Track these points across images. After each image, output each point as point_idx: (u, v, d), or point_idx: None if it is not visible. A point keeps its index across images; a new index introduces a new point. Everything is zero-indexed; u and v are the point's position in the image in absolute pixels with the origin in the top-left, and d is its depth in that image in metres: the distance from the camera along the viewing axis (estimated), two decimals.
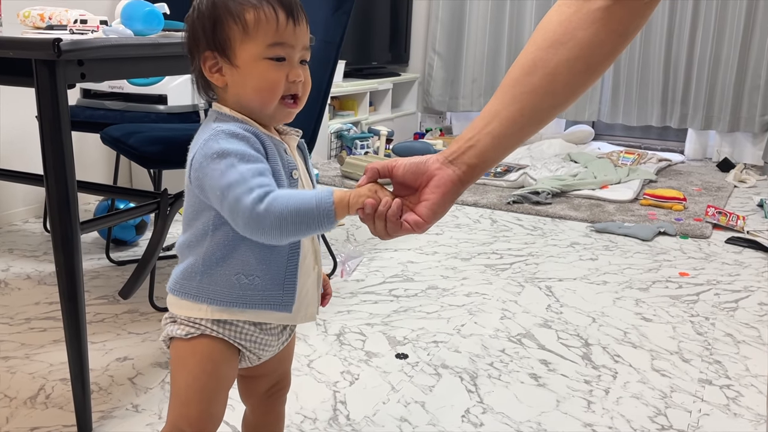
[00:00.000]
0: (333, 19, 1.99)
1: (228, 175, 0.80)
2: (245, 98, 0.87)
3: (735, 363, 1.69)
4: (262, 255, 0.88)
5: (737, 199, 3.34)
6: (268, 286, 0.89)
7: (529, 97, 0.78)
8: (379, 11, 4.54)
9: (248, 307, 0.89)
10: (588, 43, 0.75)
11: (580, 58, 0.76)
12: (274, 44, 0.85)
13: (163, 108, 2.34)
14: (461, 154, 0.80)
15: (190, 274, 0.89)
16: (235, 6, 0.85)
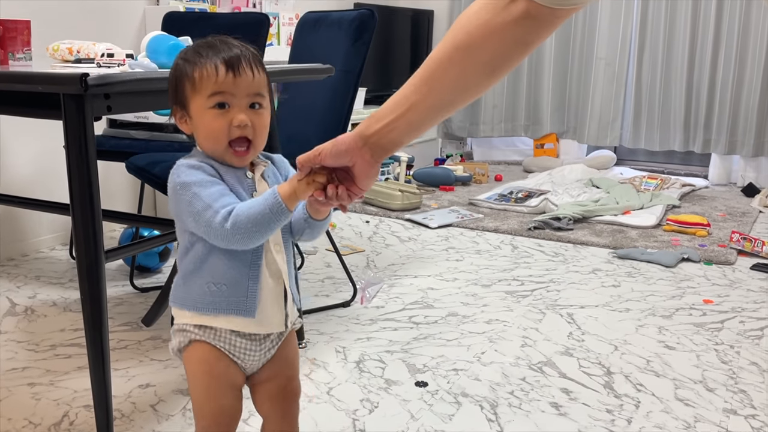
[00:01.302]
0: (353, 50, 2.03)
1: (194, 204, 0.94)
2: (201, 145, 1.01)
3: (760, 392, 1.66)
4: (228, 265, 0.99)
5: (762, 225, 3.29)
6: (233, 293, 1.00)
7: (443, 91, 0.87)
8: (399, 38, 4.59)
9: (218, 312, 1.00)
10: (498, 51, 0.84)
11: (488, 64, 0.85)
12: (213, 94, 0.96)
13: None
14: (379, 137, 0.90)
15: (177, 284, 1.03)
16: (188, 67, 0.99)
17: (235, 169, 0.99)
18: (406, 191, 3.42)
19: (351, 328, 2.02)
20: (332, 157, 0.92)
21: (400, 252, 2.78)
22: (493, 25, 0.83)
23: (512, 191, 3.67)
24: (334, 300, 2.22)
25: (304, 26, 2.32)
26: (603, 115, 4.48)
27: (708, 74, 4.16)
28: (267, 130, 1.01)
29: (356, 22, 2.04)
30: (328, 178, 0.93)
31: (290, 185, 0.93)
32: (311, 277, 2.45)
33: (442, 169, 4.07)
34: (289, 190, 0.93)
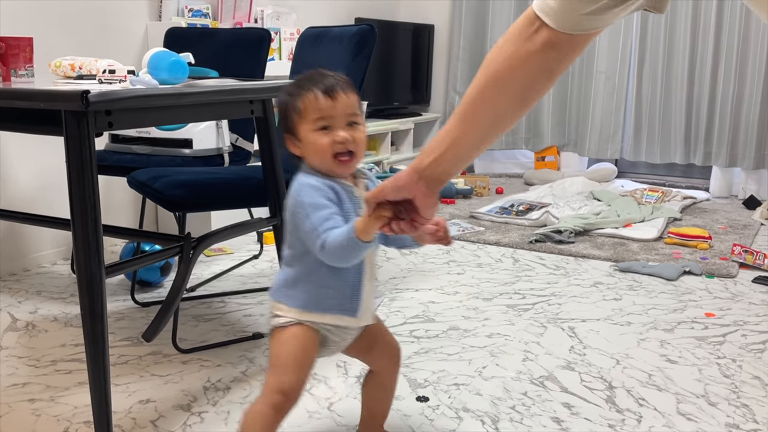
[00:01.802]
0: (353, 64, 2.04)
1: (306, 223, 1.14)
2: (311, 162, 1.19)
3: (763, 407, 1.65)
4: (337, 272, 1.20)
5: (764, 237, 3.29)
6: (340, 296, 1.22)
7: (480, 126, 0.96)
8: (400, 53, 4.62)
9: (326, 312, 1.21)
10: (526, 81, 0.91)
11: (518, 95, 0.93)
12: (317, 119, 1.16)
13: (189, 152, 2.40)
14: (431, 170, 1.00)
15: (286, 284, 1.23)
16: (292, 100, 1.19)
17: (344, 189, 1.18)
18: None
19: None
20: (393, 192, 1.03)
21: (401, 265, 2.78)
22: (519, 56, 0.89)
23: (513, 204, 3.68)
24: None
25: (305, 41, 2.33)
26: (604, 128, 4.49)
27: (708, 87, 4.17)
28: (365, 142, 1.21)
29: (357, 37, 2.05)
30: (394, 212, 1.05)
31: (362, 221, 1.08)
32: None
33: None
34: (361, 225, 1.08)
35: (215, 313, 2.23)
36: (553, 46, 0.88)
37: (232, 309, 2.27)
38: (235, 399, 1.67)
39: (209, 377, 1.78)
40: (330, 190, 1.16)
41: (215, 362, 1.86)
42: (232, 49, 2.61)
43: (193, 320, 2.17)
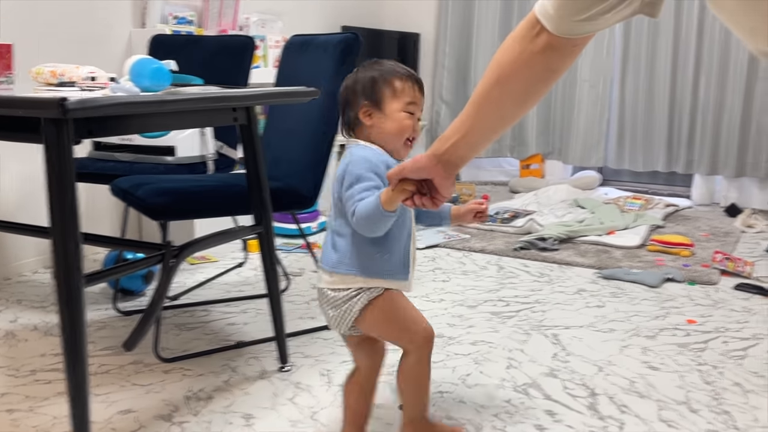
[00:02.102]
0: (338, 73, 2.04)
1: (346, 192, 1.29)
2: (383, 135, 1.34)
3: (743, 413, 1.67)
4: (394, 239, 1.33)
5: (745, 245, 3.32)
6: (396, 260, 1.34)
7: (488, 121, 1.04)
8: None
9: (386, 276, 1.33)
10: (529, 80, 0.98)
11: (521, 92, 0.99)
12: (410, 103, 1.34)
13: (172, 159, 2.39)
14: (448, 155, 1.10)
15: (346, 255, 1.32)
16: (388, 76, 1.35)
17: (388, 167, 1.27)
18: None
19: (336, 350, 2.01)
20: (412, 172, 1.14)
21: None
22: (523, 57, 0.95)
23: (498, 212, 3.69)
24: (320, 322, 2.21)
25: (290, 49, 2.33)
26: (587, 136, 4.52)
27: (689, 97, 4.21)
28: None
29: (342, 45, 2.05)
30: (417, 187, 1.17)
31: (386, 192, 1.21)
32: (297, 299, 2.44)
33: None
34: (385, 196, 1.21)
35: (198, 322, 2.22)
36: (553, 48, 0.94)
37: (216, 318, 2.26)
38: (217, 409, 1.65)
39: (191, 387, 1.76)
40: (382, 165, 1.30)
41: (197, 371, 1.85)
42: (217, 56, 2.61)
43: (176, 329, 2.15)
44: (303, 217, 3.26)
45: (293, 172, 2.09)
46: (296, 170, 2.08)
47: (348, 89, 1.39)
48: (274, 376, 1.83)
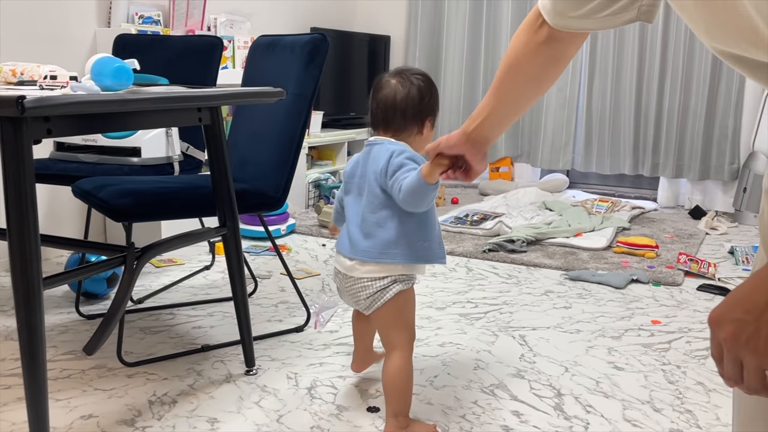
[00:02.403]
0: (305, 74, 2.03)
1: (393, 176, 1.45)
2: (419, 144, 1.55)
3: (706, 412, 1.69)
4: (431, 226, 1.51)
5: (709, 246, 3.38)
6: (435, 246, 1.52)
7: (507, 102, 1.13)
8: (357, 63, 4.63)
9: (427, 261, 1.52)
10: (537, 67, 1.05)
11: (533, 77, 1.07)
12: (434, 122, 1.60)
13: (137, 160, 2.35)
14: (476, 133, 1.20)
15: (388, 244, 1.48)
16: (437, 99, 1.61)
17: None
18: None
19: (303, 353, 1.99)
20: (446, 148, 1.25)
21: None
22: (529, 47, 1.02)
23: (468, 214, 3.70)
24: (288, 325, 2.20)
25: (257, 50, 2.32)
26: (555, 139, 4.57)
27: (655, 101, 4.28)
28: None
29: (309, 46, 2.04)
30: (452, 162, 1.27)
31: (426, 166, 1.34)
32: (265, 302, 2.42)
33: None
34: (425, 170, 1.35)
35: (163, 326, 2.18)
36: (555, 39, 0.99)
37: (181, 321, 2.23)
38: (181, 413, 1.63)
39: (155, 391, 1.74)
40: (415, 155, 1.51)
41: (162, 375, 1.82)
42: (184, 56, 2.58)
43: (140, 332, 2.12)
44: (272, 220, 3.24)
45: (260, 174, 2.07)
46: (263, 172, 2.07)
47: (427, 98, 1.56)
48: (240, 379, 1.81)
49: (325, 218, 3.48)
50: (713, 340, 0.62)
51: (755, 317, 0.58)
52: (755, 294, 0.59)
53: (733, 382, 0.61)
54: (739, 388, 0.61)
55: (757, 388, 0.59)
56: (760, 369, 0.59)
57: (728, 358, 0.61)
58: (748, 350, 0.59)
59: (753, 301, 0.59)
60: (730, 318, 0.60)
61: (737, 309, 0.60)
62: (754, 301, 0.59)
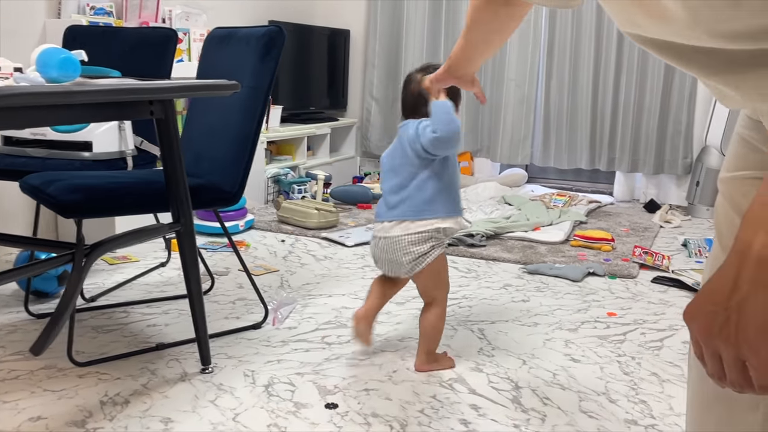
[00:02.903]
0: (261, 66, 2.00)
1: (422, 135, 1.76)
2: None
3: (659, 402, 1.72)
4: (455, 182, 1.82)
5: (663, 239, 3.45)
6: (457, 204, 1.82)
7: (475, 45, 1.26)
8: (316, 57, 4.59)
9: (457, 215, 1.81)
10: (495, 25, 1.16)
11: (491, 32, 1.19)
12: None
13: (89, 155, 2.29)
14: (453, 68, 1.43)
15: (426, 201, 1.75)
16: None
17: None
18: (322, 209, 3.39)
19: (261, 350, 1.97)
20: (436, 83, 1.52)
21: (315, 271, 2.75)
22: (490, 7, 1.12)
23: None
24: (245, 322, 2.17)
25: (212, 42, 2.27)
26: (514, 134, 4.61)
27: (611, 97, 4.35)
28: None
29: (264, 39, 2.01)
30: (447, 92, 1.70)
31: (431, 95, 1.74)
32: (222, 299, 2.38)
33: (359, 187, 4.07)
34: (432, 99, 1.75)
35: (116, 324, 2.13)
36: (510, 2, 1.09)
37: (135, 319, 2.18)
38: (134, 413, 1.59)
39: (107, 391, 1.69)
40: None
41: (114, 375, 1.78)
42: (137, 49, 2.52)
43: (93, 331, 2.06)
44: (230, 215, 3.19)
45: (215, 169, 2.03)
46: (219, 166, 2.03)
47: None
48: (196, 378, 1.78)
49: (284, 213, 3.45)
50: (691, 338, 0.62)
51: (723, 306, 0.58)
52: (720, 284, 0.59)
53: (718, 379, 0.61)
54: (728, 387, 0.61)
55: (741, 382, 0.59)
56: (738, 360, 0.58)
57: (707, 354, 0.61)
58: (722, 340, 0.58)
59: (719, 291, 0.59)
60: (701, 311, 0.60)
61: (706, 301, 0.60)
62: (720, 290, 0.59)
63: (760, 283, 0.56)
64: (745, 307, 0.57)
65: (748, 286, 0.57)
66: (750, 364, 0.58)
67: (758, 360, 0.57)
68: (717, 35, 0.59)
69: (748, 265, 0.57)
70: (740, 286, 0.57)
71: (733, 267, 0.58)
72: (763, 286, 0.56)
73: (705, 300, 0.60)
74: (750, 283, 0.57)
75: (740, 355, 0.58)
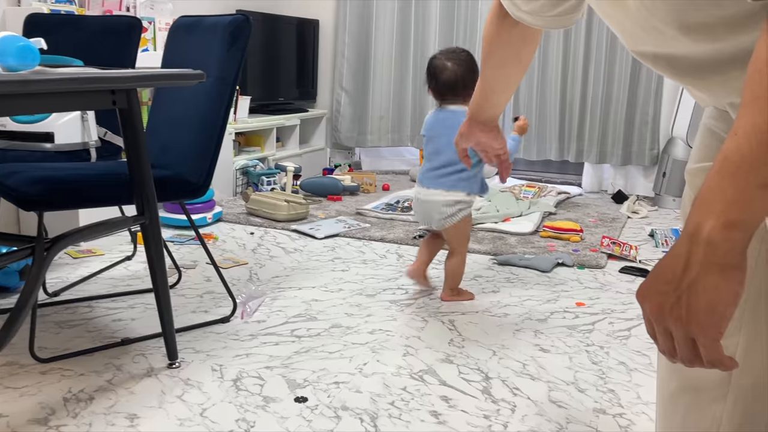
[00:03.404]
0: (227, 56, 1.96)
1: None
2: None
3: (627, 391, 1.74)
4: (481, 173, 2.29)
5: (630, 230, 3.49)
6: (481, 184, 2.31)
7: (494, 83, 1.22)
8: (285, 47, 4.54)
9: (476, 193, 2.31)
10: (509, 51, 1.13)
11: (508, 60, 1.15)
12: None
13: (50, 146, 2.23)
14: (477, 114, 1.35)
15: (462, 179, 2.24)
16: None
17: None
18: (292, 201, 3.36)
19: (230, 344, 1.94)
20: (463, 141, 1.43)
21: (284, 264, 2.72)
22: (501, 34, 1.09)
23: (399, 200, 3.70)
24: (213, 316, 2.14)
25: (177, 31, 2.23)
26: None
27: (579, 89, 4.38)
28: None
29: (231, 28, 1.97)
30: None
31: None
32: (189, 293, 2.35)
33: (329, 178, 4.05)
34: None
35: (81, 319, 2.09)
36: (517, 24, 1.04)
37: (100, 314, 2.13)
38: (99, 410, 1.56)
39: (70, 388, 1.65)
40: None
41: (78, 371, 1.74)
42: (100, 37, 2.46)
43: (56, 327, 2.02)
44: (197, 208, 3.14)
45: (182, 160, 2.00)
46: (184, 158, 1.99)
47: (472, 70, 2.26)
48: (162, 373, 1.75)
49: (253, 206, 3.41)
50: (644, 316, 0.64)
51: (674, 287, 0.60)
52: (672, 265, 0.61)
53: (669, 355, 0.63)
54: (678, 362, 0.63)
55: (691, 358, 0.61)
56: (688, 338, 0.60)
57: (658, 332, 0.63)
58: (673, 319, 0.60)
59: (671, 271, 0.60)
60: (653, 291, 0.62)
61: (658, 281, 0.62)
62: (672, 271, 0.60)
63: (709, 265, 0.58)
64: (695, 287, 0.59)
65: (698, 268, 0.58)
66: (699, 342, 0.60)
67: (707, 338, 0.59)
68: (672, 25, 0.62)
69: (698, 247, 0.58)
70: (691, 268, 0.59)
71: (684, 248, 0.59)
72: (712, 268, 0.58)
73: (656, 280, 0.62)
74: (700, 265, 0.58)
75: (690, 333, 0.60)
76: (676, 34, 0.63)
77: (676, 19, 0.62)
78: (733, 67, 0.63)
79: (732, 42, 0.61)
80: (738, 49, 0.61)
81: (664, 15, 0.62)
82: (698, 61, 0.65)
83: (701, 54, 0.64)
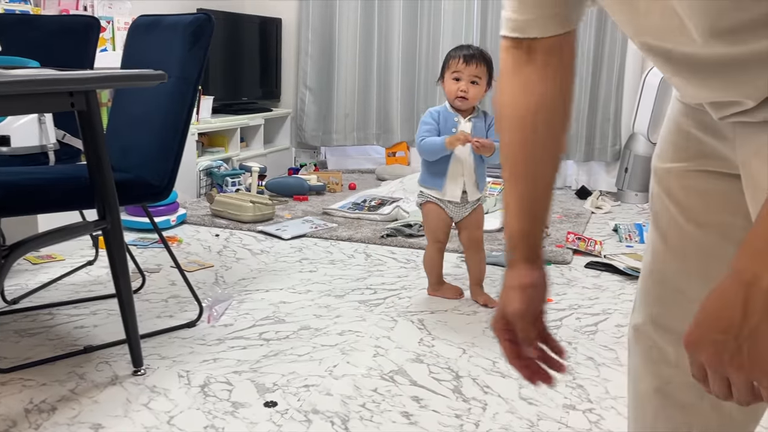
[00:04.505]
0: (189, 56, 1.93)
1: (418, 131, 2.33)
2: (447, 96, 2.29)
3: (596, 386, 1.75)
4: (436, 165, 2.29)
5: (594, 225, 3.53)
6: (436, 177, 2.31)
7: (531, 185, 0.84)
8: (248, 47, 4.49)
9: (432, 187, 2.32)
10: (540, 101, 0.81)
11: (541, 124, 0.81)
12: (455, 71, 2.23)
13: (6, 150, 2.16)
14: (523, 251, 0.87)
15: (422, 174, 2.36)
16: (448, 59, 2.26)
17: (448, 116, 2.28)
18: (258, 202, 3.32)
19: (196, 349, 1.91)
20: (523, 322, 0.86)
21: (251, 265, 2.69)
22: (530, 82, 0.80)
23: (366, 199, 3.69)
24: (179, 321, 2.10)
25: (137, 30, 2.18)
26: None
27: None
28: (480, 94, 2.26)
29: (192, 27, 1.93)
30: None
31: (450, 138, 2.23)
32: (154, 297, 2.30)
33: (295, 178, 4.01)
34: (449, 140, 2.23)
35: (41, 327, 2.03)
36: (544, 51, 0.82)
37: (62, 321, 2.08)
38: (62, 420, 1.51)
39: (32, 398, 1.61)
40: (436, 113, 2.29)
41: (40, 381, 1.69)
42: (57, 38, 2.39)
43: (15, 335, 1.96)
44: (160, 210, 3.08)
45: (143, 163, 1.95)
46: (147, 160, 1.95)
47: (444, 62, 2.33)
48: (127, 380, 1.71)
49: (218, 207, 3.36)
50: (694, 363, 0.62)
51: (734, 336, 0.58)
52: (728, 311, 0.59)
53: (723, 397, 0.62)
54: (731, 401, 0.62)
55: (750, 400, 0.60)
56: (749, 383, 0.59)
57: (714, 378, 0.61)
58: (734, 368, 0.59)
59: (728, 318, 0.58)
60: (708, 340, 0.60)
61: (713, 330, 0.60)
62: (729, 318, 0.58)
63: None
64: (757, 335, 0.57)
65: (759, 316, 0.57)
66: (763, 385, 0.59)
67: None
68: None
69: (758, 296, 0.57)
70: (751, 316, 0.57)
71: (740, 297, 0.58)
72: None
73: (710, 328, 0.60)
74: (762, 313, 0.57)
75: (752, 378, 0.59)
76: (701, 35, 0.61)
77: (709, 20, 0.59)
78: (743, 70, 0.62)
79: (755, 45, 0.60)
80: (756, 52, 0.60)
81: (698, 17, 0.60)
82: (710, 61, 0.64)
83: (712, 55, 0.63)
